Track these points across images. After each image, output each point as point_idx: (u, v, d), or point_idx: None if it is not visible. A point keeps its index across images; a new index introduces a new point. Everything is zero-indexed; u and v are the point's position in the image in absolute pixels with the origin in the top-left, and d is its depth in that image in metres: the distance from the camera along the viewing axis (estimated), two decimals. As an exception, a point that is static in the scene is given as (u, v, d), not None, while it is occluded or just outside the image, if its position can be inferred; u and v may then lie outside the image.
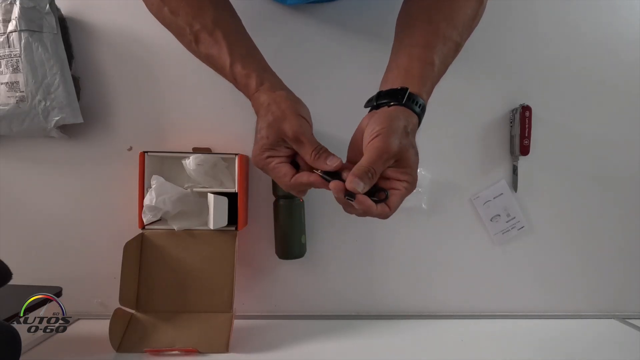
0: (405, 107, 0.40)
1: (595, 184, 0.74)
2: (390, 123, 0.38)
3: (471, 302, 0.73)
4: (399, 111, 0.39)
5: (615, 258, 0.75)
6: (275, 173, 0.41)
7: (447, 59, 0.44)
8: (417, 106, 0.40)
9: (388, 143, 0.37)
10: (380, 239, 0.72)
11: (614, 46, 0.73)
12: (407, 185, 0.39)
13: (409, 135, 0.39)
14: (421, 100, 0.41)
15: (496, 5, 0.71)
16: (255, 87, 0.42)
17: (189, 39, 0.43)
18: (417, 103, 0.40)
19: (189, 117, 0.69)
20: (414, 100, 0.40)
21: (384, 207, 0.39)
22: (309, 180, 0.40)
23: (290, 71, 0.69)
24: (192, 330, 0.59)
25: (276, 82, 0.44)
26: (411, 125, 0.39)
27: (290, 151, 0.41)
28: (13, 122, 0.61)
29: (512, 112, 0.72)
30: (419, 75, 0.41)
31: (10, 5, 0.59)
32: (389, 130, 0.38)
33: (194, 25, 0.42)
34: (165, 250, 0.63)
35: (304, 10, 0.69)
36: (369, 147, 0.38)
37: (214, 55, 0.42)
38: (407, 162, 0.39)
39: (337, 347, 0.60)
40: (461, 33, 0.44)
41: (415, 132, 0.41)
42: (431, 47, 0.42)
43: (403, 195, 0.39)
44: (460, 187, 0.72)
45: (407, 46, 0.44)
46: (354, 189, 0.36)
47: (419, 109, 0.41)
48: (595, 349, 0.63)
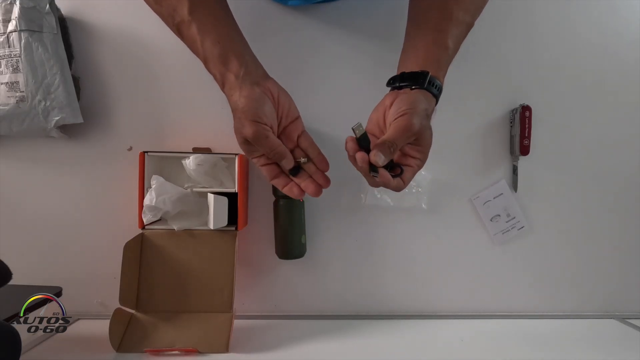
0: (426, 90, 0.44)
1: (595, 184, 0.74)
2: (415, 105, 0.42)
3: (471, 302, 0.73)
4: (421, 94, 0.43)
5: (615, 258, 0.75)
6: (263, 173, 0.46)
7: (459, 40, 0.47)
8: (436, 89, 0.44)
9: (412, 122, 0.41)
10: (380, 238, 0.72)
11: (614, 46, 0.74)
12: (420, 163, 0.44)
13: (428, 117, 0.43)
14: (439, 83, 0.45)
15: (496, 6, 0.71)
16: (222, 85, 0.44)
17: (175, 30, 0.44)
18: (436, 86, 0.44)
19: (189, 117, 0.69)
20: (434, 84, 0.44)
21: (399, 182, 0.43)
22: (282, 183, 0.46)
23: (290, 71, 0.70)
24: (192, 330, 0.59)
25: (243, 74, 0.44)
26: (431, 108, 0.44)
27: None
28: (13, 122, 0.61)
29: (512, 112, 0.72)
30: (436, 59, 0.45)
31: (10, 5, 0.59)
32: (413, 111, 0.41)
33: (175, 17, 0.43)
34: (165, 250, 0.63)
35: (304, 11, 0.69)
36: (394, 125, 0.42)
37: (195, 50, 0.44)
38: (424, 142, 0.43)
39: (337, 347, 0.60)
40: (473, 14, 0.47)
41: (432, 109, 0.45)
42: (446, 32, 0.45)
43: (415, 172, 0.44)
44: (460, 187, 0.72)
45: (423, 30, 0.47)
46: (376, 161, 0.40)
47: (437, 91, 0.45)
48: (595, 349, 0.63)
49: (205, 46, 0.43)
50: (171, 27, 0.44)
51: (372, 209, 0.71)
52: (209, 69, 0.44)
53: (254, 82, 0.43)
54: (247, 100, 0.42)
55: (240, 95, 0.42)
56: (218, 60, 0.43)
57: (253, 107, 0.42)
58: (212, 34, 0.43)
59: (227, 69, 0.43)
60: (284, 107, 0.45)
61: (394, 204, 0.71)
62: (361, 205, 0.71)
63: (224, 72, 0.43)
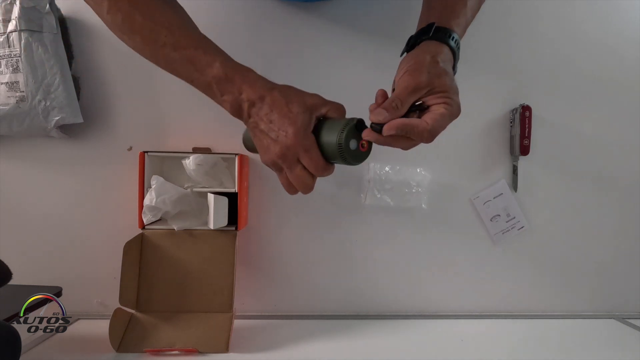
0: (433, 39, 0.40)
1: (595, 184, 0.74)
2: (417, 59, 0.39)
3: (471, 302, 0.73)
4: (425, 45, 0.40)
5: (615, 258, 0.75)
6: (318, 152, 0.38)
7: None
8: (451, 39, 0.40)
9: (415, 76, 0.37)
10: (380, 238, 0.72)
11: (614, 46, 0.74)
12: (446, 106, 0.37)
13: (439, 63, 0.39)
14: (453, 33, 0.41)
15: (496, 6, 0.71)
16: (255, 76, 0.40)
17: (164, 42, 0.40)
18: (450, 36, 0.40)
19: (189, 117, 0.69)
20: (446, 33, 0.40)
21: (422, 121, 0.37)
22: None
23: (290, 70, 0.70)
24: (192, 330, 0.59)
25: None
26: (441, 54, 0.39)
27: None
28: (13, 122, 0.61)
29: (512, 112, 0.72)
30: (450, 10, 0.42)
31: (10, 5, 0.59)
32: (415, 65, 0.38)
33: (173, 29, 0.40)
34: (165, 250, 0.63)
35: (304, 9, 0.69)
36: (398, 84, 0.38)
37: (196, 56, 0.40)
38: (443, 87, 0.38)
39: (336, 347, 0.60)
40: None
41: (451, 62, 0.41)
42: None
43: (444, 115, 0.37)
44: (460, 187, 0.72)
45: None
46: (376, 118, 0.37)
47: (453, 42, 0.40)
48: (595, 349, 0.63)
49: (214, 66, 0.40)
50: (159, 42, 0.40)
51: (372, 209, 0.71)
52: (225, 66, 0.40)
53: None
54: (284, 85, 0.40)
55: (270, 83, 0.40)
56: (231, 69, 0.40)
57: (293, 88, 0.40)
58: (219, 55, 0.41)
59: (243, 70, 0.41)
60: None
61: (394, 204, 0.71)
62: (361, 205, 0.71)
63: (243, 72, 0.40)
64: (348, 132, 0.37)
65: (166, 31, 0.40)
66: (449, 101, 0.38)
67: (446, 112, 0.37)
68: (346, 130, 0.37)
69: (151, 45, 0.41)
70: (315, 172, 0.39)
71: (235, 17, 0.68)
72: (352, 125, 0.37)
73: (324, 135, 0.38)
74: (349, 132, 0.37)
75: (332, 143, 0.37)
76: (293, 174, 0.39)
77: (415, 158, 0.71)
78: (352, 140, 0.37)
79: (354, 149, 0.38)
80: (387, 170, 0.71)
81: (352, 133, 0.37)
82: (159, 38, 0.40)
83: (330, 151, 0.38)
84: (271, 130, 0.38)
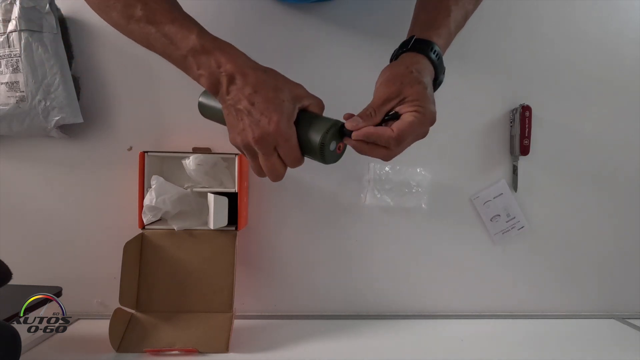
0: (411, 51, 0.42)
1: (595, 184, 0.74)
2: (392, 70, 0.40)
3: (471, 302, 0.73)
4: (403, 57, 0.42)
5: (615, 258, 0.75)
6: (297, 144, 0.39)
7: (466, 5, 0.45)
8: (430, 50, 0.41)
9: (387, 86, 0.39)
10: (380, 239, 0.72)
11: (614, 46, 0.74)
12: (416, 114, 0.38)
13: (412, 72, 0.40)
14: (433, 45, 0.42)
15: (496, 6, 0.71)
16: (237, 52, 0.40)
17: (139, 16, 0.39)
18: (431, 48, 0.41)
19: (189, 117, 0.69)
20: (425, 44, 0.41)
21: (387, 129, 0.38)
22: None
23: (289, 70, 0.69)
24: (192, 330, 0.59)
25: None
26: (417, 64, 0.40)
27: None
28: (13, 122, 0.61)
29: (512, 112, 0.72)
30: (431, 22, 0.43)
31: (10, 5, 0.59)
32: (389, 76, 0.40)
33: (149, 4, 0.39)
34: (165, 250, 0.63)
35: (304, 10, 0.69)
36: (374, 94, 0.40)
37: (171, 29, 0.39)
38: (414, 95, 0.38)
39: (336, 347, 0.60)
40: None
41: (428, 72, 0.41)
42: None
43: (412, 123, 0.38)
44: (460, 187, 0.72)
45: (425, 3, 0.46)
46: (351, 125, 0.38)
47: (434, 55, 0.41)
48: (595, 349, 0.63)
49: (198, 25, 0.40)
50: (135, 13, 0.39)
51: (372, 209, 0.71)
52: (203, 37, 0.39)
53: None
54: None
55: (253, 61, 0.40)
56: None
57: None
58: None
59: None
60: None
61: (394, 204, 0.71)
62: (361, 205, 0.71)
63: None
64: (332, 134, 0.38)
65: (141, 5, 0.39)
66: (419, 109, 0.38)
67: (415, 120, 0.38)
68: (331, 132, 0.38)
69: (126, 20, 0.40)
70: (289, 164, 0.39)
71: (235, 18, 0.68)
72: (337, 127, 0.39)
73: (306, 131, 0.39)
74: (333, 134, 0.38)
75: (315, 141, 0.38)
76: (268, 161, 0.39)
77: (415, 158, 0.71)
78: (333, 142, 0.39)
79: (332, 150, 0.39)
80: (387, 170, 0.71)
81: (336, 135, 0.39)
82: (134, 13, 0.39)
83: (310, 147, 0.39)
84: (252, 113, 0.37)
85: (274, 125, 0.36)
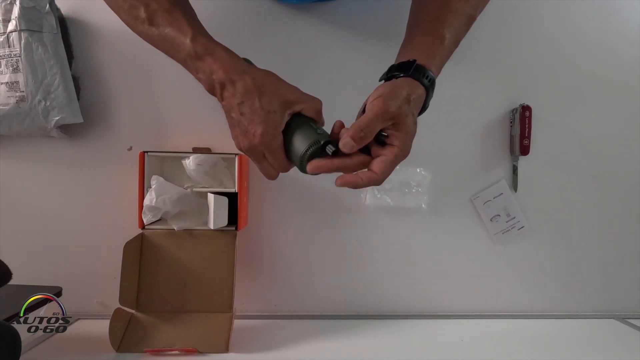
0: (411, 77, 0.41)
1: (595, 184, 0.74)
2: (394, 89, 0.39)
3: (471, 302, 0.73)
4: (404, 81, 0.40)
5: (615, 258, 0.75)
6: (282, 154, 0.40)
7: (459, 32, 0.44)
8: (426, 79, 0.41)
9: (387, 104, 0.38)
10: (380, 238, 0.72)
11: (614, 46, 0.74)
12: (398, 151, 0.38)
13: (410, 103, 0.39)
14: (430, 73, 0.41)
15: (497, 6, 0.71)
16: (225, 55, 0.40)
17: (143, 18, 0.41)
18: (426, 76, 0.41)
19: (189, 117, 0.69)
20: (423, 73, 0.41)
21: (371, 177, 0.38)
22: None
23: (289, 71, 0.69)
24: (192, 330, 0.59)
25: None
26: (415, 94, 0.40)
27: None
28: (13, 122, 0.61)
29: (512, 112, 0.72)
30: (428, 49, 0.42)
31: (10, 5, 0.59)
32: (390, 94, 0.38)
33: (151, 5, 0.40)
34: (165, 250, 0.63)
35: (304, 10, 0.69)
36: (368, 107, 0.38)
37: (170, 33, 0.40)
38: (404, 128, 0.38)
39: (337, 347, 0.60)
40: (475, 6, 0.44)
41: (420, 104, 0.41)
42: (443, 22, 0.43)
43: (390, 162, 0.38)
44: (460, 187, 0.72)
45: (419, 20, 0.45)
46: (344, 148, 0.37)
47: (427, 82, 0.41)
48: (595, 349, 0.63)
49: (194, 26, 0.41)
50: (139, 17, 0.41)
51: (372, 209, 0.71)
52: (197, 43, 0.40)
53: None
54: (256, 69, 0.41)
55: (242, 63, 0.41)
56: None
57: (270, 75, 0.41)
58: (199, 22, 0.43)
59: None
60: None
61: (394, 204, 0.71)
62: (361, 205, 0.71)
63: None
64: (313, 152, 0.38)
65: (144, 7, 0.40)
66: (401, 146, 0.38)
67: (395, 159, 0.38)
68: (311, 150, 0.38)
69: (132, 21, 0.42)
70: (278, 170, 0.41)
71: (235, 19, 0.68)
72: (318, 146, 0.38)
73: (292, 141, 0.39)
74: (314, 152, 0.38)
75: (297, 154, 0.39)
76: (259, 165, 0.41)
77: (415, 158, 0.71)
78: (315, 159, 0.38)
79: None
80: (387, 170, 0.71)
81: (317, 153, 0.38)
82: (138, 14, 0.41)
83: (293, 157, 0.39)
84: (241, 123, 0.39)
85: (258, 138, 0.38)
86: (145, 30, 0.41)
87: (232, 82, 0.38)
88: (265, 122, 0.37)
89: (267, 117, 0.38)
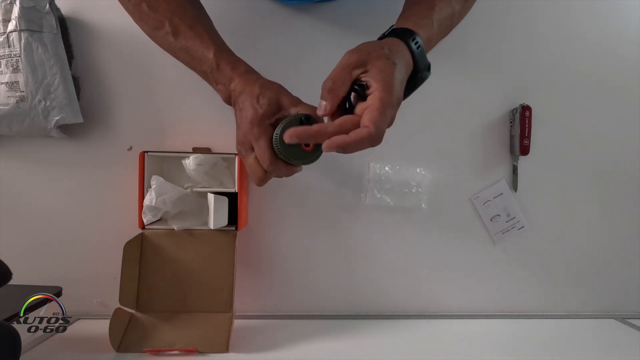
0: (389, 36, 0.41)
1: (595, 184, 0.74)
2: (364, 45, 0.39)
3: (471, 302, 0.73)
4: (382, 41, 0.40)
5: (615, 258, 0.75)
6: (266, 144, 0.38)
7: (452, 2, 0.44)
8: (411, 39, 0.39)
9: (350, 54, 0.38)
10: (380, 238, 0.72)
11: (614, 46, 0.74)
12: (379, 94, 0.34)
13: (384, 49, 0.37)
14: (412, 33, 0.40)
15: (496, 5, 0.71)
16: (245, 69, 0.44)
17: (166, 32, 0.44)
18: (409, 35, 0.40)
19: (189, 117, 0.69)
20: (403, 32, 0.40)
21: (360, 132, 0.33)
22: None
23: (289, 71, 0.70)
24: (192, 330, 0.59)
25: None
26: (392, 46, 0.38)
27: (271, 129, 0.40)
28: (13, 122, 0.61)
29: (512, 112, 0.72)
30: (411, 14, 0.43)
31: (10, 5, 0.59)
32: (356, 47, 0.39)
33: (174, 20, 0.43)
34: (165, 250, 0.63)
35: (304, 11, 0.69)
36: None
37: (193, 46, 0.43)
38: (378, 69, 0.35)
39: (337, 347, 0.60)
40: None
41: (401, 55, 0.38)
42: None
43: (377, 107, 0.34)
44: (460, 187, 0.72)
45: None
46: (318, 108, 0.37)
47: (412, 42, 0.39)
48: (595, 349, 0.63)
49: (216, 41, 0.45)
50: (163, 30, 0.44)
51: (372, 209, 0.71)
52: (221, 57, 0.43)
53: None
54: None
55: (258, 76, 0.43)
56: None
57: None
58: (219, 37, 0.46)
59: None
60: None
61: (394, 204, 0.71)
62: (361, 205, 0.71)
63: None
64: (288, 125, 0.34)
65: (168, 21, 0.43)
66: (383, 86, 0.35)
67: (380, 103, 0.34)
68: (286, 122, 0.34)
69: (155, 33, 0.45)
70: (263, 164, 0.39)
71: (235, 19, 0.68)
72: (295, 118, 0.35)
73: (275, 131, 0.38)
74: (287, 125, 0.34)
75: (274, 136, 0.37)
76: (247, 161, 0.41)
77: (415, 158, 0.71)
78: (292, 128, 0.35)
79: (295, 146, 0.36)
80: (387, 170, 0.71)
81: (294, 125, 0.34)
82: (162, 27, 0.44)
83: (274, 146, 0.37)
84: (239, 117, 0.41)
85: (246, 124, 0.40)
86: (167, 43, 0.45)
87: (245, 90, 0.41)
88: (255, 110, 0.39)
89: (257, 107, 0.40)
